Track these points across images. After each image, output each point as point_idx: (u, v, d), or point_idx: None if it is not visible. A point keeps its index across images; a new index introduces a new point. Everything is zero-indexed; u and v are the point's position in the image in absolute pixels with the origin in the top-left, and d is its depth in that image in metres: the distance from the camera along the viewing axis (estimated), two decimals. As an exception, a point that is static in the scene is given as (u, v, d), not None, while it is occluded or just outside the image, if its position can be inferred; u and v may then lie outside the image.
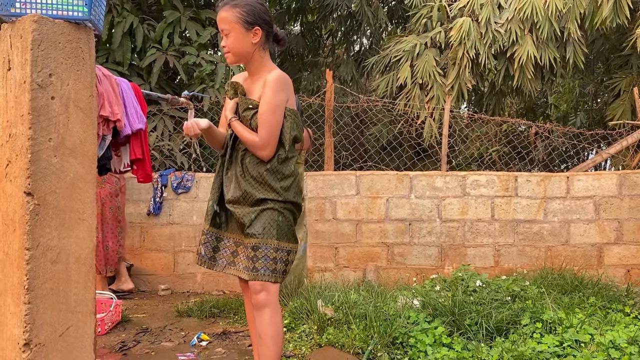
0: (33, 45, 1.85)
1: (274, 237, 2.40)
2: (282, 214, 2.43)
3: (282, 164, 2.44)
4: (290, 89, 2.46)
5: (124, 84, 3.12)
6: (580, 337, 3.21)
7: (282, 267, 2.43)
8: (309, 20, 10.46)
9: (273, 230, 2.40)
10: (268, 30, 2.47)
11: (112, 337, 3.84)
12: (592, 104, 11.02)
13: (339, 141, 7.27)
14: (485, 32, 6.72)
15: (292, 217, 2.49)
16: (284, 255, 2.43)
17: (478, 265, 5.59)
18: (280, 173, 2.43)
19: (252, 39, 2.42)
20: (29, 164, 1.83)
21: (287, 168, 2.45)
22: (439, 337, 3.29)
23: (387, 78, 7.38)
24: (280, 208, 2.43)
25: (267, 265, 2.40)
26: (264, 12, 2.45)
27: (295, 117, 2.45)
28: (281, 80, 2.41)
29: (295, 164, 2.52)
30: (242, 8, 2.41)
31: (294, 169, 2.48)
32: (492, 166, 7.44)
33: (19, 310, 1.82)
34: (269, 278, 2.39)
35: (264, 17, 2.44)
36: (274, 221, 2.41)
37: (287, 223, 2.45)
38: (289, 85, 2.46)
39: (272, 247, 2.40)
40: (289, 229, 2.45)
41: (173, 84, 7.45)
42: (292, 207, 2.48)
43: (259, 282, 2.39)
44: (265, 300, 2.39)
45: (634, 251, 5.60)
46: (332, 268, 5.62)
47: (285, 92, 2.42)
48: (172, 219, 5.62)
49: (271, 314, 2.39)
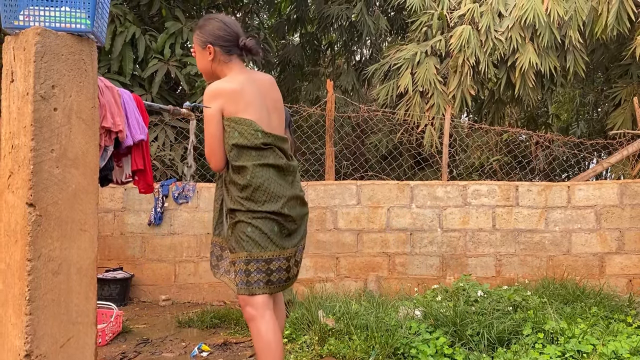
0: (36, 57, 1.87)
1: (244, 250, 2.38)
2: (250, 224, 2.37)
3: (236, 174, 2.40)
4: (226, 97, 2.37)
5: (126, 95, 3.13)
6: (582, 348, 3.20)
7: (261, 278, 2.38)
8: (309, 30, 10.51)
9: (243, 243, 2.38)
10: (223, 45, 2.49)
11: (113, 347, 3.83)
12: (593, 113, 11.04)
13: (340, 151, 7.28)
14: (486, 39, 6.74)
15: (270, 224, 2.39)
16: (262, 266, 2.38)
17: (479, 275, 5.57)
18: (237, 184, 2.40)
19: (208, 56, 2.52)
20: (31, 175, 1.84)
21: (242, 178, 2.38)
22: (441, 347, 3.27)
23: (388, 86, 7.39)
24: (247, 219, 2.38)
25: (241, 278, 2.40)
26: (218, 28, 2.49)
27: (237, 125, 2.37)
28: (210, 91, 2.39)
29: (263, 170, 2.40)
30: (198, 29, 2.56)
31: (252, 179, 2.37)
32: (493, 176, 7.44)
33: (20, 322, 1.82)
34: (244, 291, 2.39)
35: (217, 33, 2.49)
36: (242, 233, 2.39)
37: (259, 232, 2.37)
38: (222, 94, 2.38)
39: (242, 261, 2.38)
40: (262, 237, 2.37)
41: (175, 94, 7.48)
42: (267, 214, 2.39)
43: (241, 297, 2.41)
44: (251, 314, 2.38)
45: (635, 261, 5.59)
46: (333, 278, 5.61)
47: (218, 102, 2.37)
48: (173, 229, 5.62)
49: (258, 327, 2.36)
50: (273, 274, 2.41)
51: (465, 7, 6.93)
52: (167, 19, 7.00)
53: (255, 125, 2.39)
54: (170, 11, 7.17)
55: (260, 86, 2.50)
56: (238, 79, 2.45)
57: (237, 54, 2.53)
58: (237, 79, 2.44)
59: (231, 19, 2.57)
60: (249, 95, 2.41)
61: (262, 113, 2.44)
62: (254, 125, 2.38)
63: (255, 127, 2.38)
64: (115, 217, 5.61)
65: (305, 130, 6.54)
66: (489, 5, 6.81)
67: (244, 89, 2.41)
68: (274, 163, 2.43)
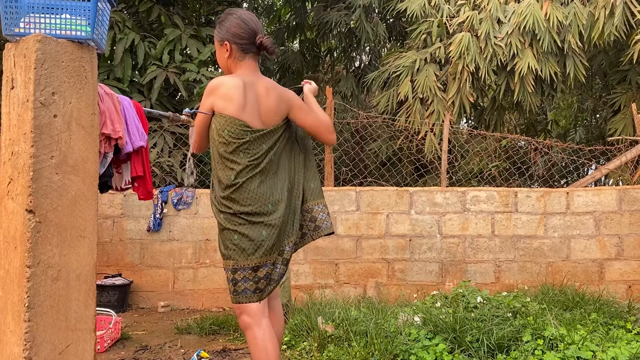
0: (36, 64, 1.87)
1: (230, 259, 2.35)
2: (236, 231, 2.33)
3: (222, 171, 2.37)
4: (218, 94, 2.35)
5: (126, 102, 3.14)
6: (582, 354, 3.19)
7: (250, 286, 2.34)
8: (308, 37, 10.54)
9: (230, 252, 2.35)
10: (239, 43, 2.45)
11: (112, 354, 3.81)
12: (591, 119, 11.06)
13: (339, 157, 7.29)
14: (485, 46, 6.77)
15: (257, 228, 2.34)
16: (249, 274, 2.33)
17: (479, 281, 5.57)
18: (222, 183, 2.37)
19: (225, 53, 2.49)
20: (31, 181, 1.84)
21: (227, 178, 2.35)
22: (440, 354, 3.27)
23: (388, 94, 7.41)
24: (231, 226, 2.33)
25: (229, 287, 2.38)
26: (235, 25, 2.45)
27: (224, 121, 2.33)
28: (208, 87, 2.41)
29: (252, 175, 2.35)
30: (218, 24, 2.53)
31: (235, 180, 2.33)
32: (492, 182, 7.45)
33: (19, 328, 1.81)
34: (234, 300, 2.37)
35: (233, 30, 2.44)
36: (229, 241, 2.35)
37: (246, 239, 2.32)
38: (216, 90, 2.36)
39: (230, 269, 2.36)
40: (250, 244, 2.32)
41: (174, 101, 7.49)
42: (252, 218, 2.33)
43: (235, 305, 2.39)
44: (246, 322, 2.36)
45: (635, 267, 5.59)
46: (333, 284, 5.60)
47: (210, 98, 2.38)
48: (172, 236, 5.61)
49: (254, 335, 2.33)
50: (261, 282, 2.36)
51: (465, 15, 6.96)
52: (166, 26, 7.02)
53: (244, 123, 2.35)
54: (169, 18, 7.20)
55: (259, 93, 2.43)
56: (239, 79, 2.39)
57: (253, 52, 2.48)
58: (238, 80, 2.39)
59: (250, 16, 2.50)
60: (243, 98, 2.35)
61: (253, 117, 2.39)
62: (242, 124, 2.34)
63: (232, 126, 2.34)
64: (114, 223, 5.61)
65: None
66: (488, 12, 6.84)
67: (239, 88, 2.36)
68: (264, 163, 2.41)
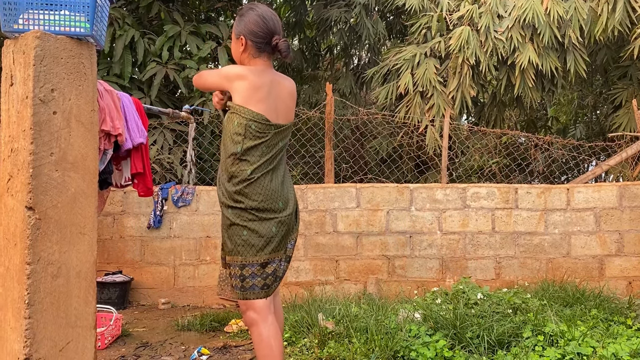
0: (35, 60, 1.87)
1: (238, 254, 2.35)
2: (245, 227, 2.34)
3: (235, 165, 2.36)
4: (245, 84, 2.35)
5: (125, 99, 3.14)
6: (582, 350, 3.20)
7: (258, 282, 2.35)
8: (308, 35, 10.52)
9: (239, 248, 2.35)
10: (255, 41, 2.44)
11: (112, 351, 3.82)
12: (592, 115, 11.05)
13: (339, 154, 7.28)
14: (485, 40, 6.75)
15: (267, 225, 2.36)
16: (257, 270, 2.34)
17: (479, 278, 5.57)
18: (236, 177, 2.36)
19: (240, 47, 2.48)
20: (31, 178, 1.84)
21: (242, 172, 2.35)
22: (441, 350, 3.27)
23: (388, 87, 7.38)
24: (241, 222, 2.34)
25: (236, 283, 2.37)
26: (254, 22, 2.43)
27: (250, 116, 2.34)
28: (234, 71, 2.41)
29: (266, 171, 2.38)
30: (238, 17, 2.52)
31: (251, 175, 2.34)
32: (492, 178, 7.45)
33: (19, 325, 1.81)
34: (241, 296, 2.37)
35: (251, 27, 2.43)
36: (238, 237, 2.35)
37: (256, 235, 2.34)
38: (244, 78, 2.37)
39: (237, 265, 2.36)
40: (260, 240, 2.34)
41: (173, 98, 7.48)
42: (263, 214, 2.35)
43: (242, 301, 2.38)
44: (253, 318, 2.36)
45: (635, 263, 5.59)
46: (333, 281, 5.60)
47: (235, 83, 2.38)
48: (173, 233, 5.61)
49: (260, 332, 2.33)
50: (268, 278, 2.37)
51: (464, 9, 6.94)
52: (166, 22, 7.00)
53: (268, 120, 2.37)
54: (169, 14, 7.18)
55: (280, 91, 2.46)
56: (265, 75, 2.41)
57: (268, 51, 2.47)
58: (265, 76, 2.41)
59: (271, 14, 2.47)
60: (266, 93, 2.38)
61: (277, 114, 2.42)
62: (264, 118, 2.36)
63: (266, 120, 2.36)
64: (114, 220, 5.61)
65: (305, 134, 6.55)
66: (488, 6, 6.83)
67: (265, 85, 2.38)
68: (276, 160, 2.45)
